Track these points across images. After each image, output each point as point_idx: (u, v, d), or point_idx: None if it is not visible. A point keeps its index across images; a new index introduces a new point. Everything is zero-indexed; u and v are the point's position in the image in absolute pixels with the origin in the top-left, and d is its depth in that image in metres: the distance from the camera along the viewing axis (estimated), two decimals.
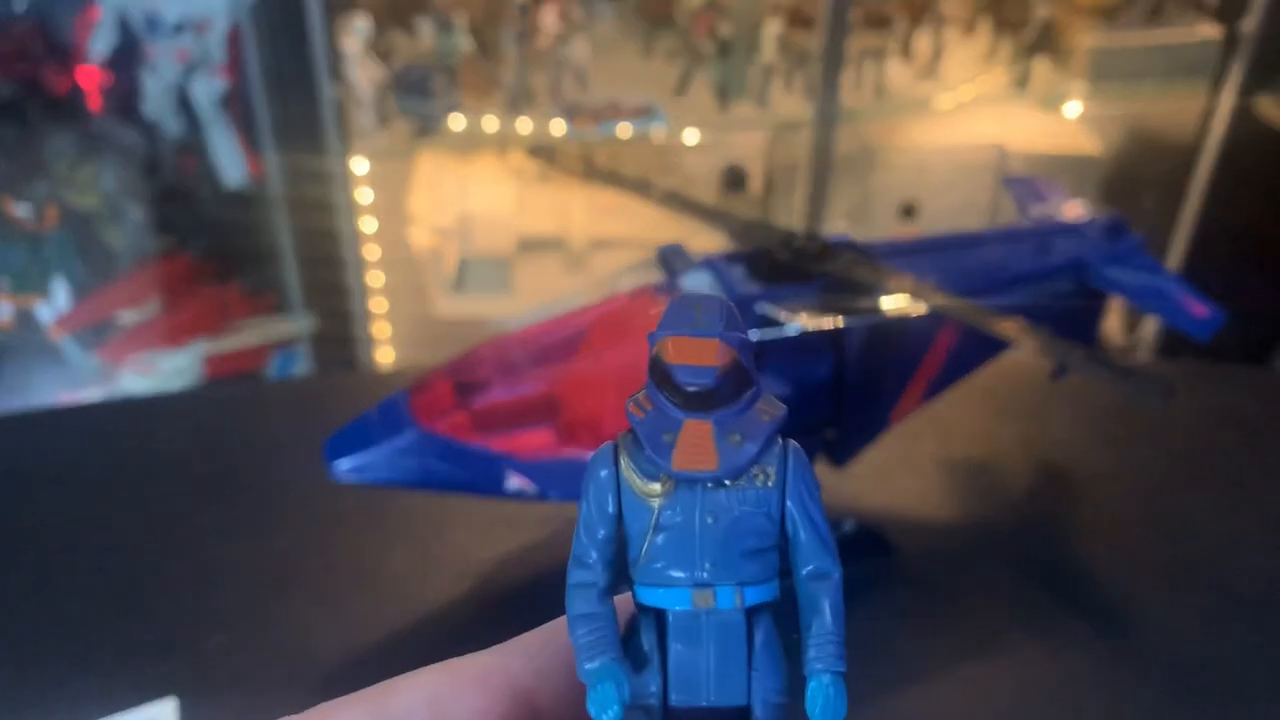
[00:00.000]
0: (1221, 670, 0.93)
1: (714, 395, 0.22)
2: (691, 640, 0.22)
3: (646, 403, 0.22)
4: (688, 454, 0.21)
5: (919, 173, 2.21)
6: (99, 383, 1.84)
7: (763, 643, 0.22)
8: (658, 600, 0.22)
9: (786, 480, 0.22)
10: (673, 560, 0.22)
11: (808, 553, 0.22)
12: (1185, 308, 1.04)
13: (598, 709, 0.21)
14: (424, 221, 2.14)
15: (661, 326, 0.22)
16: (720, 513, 0.22)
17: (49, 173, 1.76)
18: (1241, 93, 1.90)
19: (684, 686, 0.22)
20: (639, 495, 0.22)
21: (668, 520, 0.22)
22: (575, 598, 0.22)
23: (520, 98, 1.97)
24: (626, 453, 0.22)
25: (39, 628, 0.96)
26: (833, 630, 0.22)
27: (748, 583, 0.22)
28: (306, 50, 1.68)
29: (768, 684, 0.22)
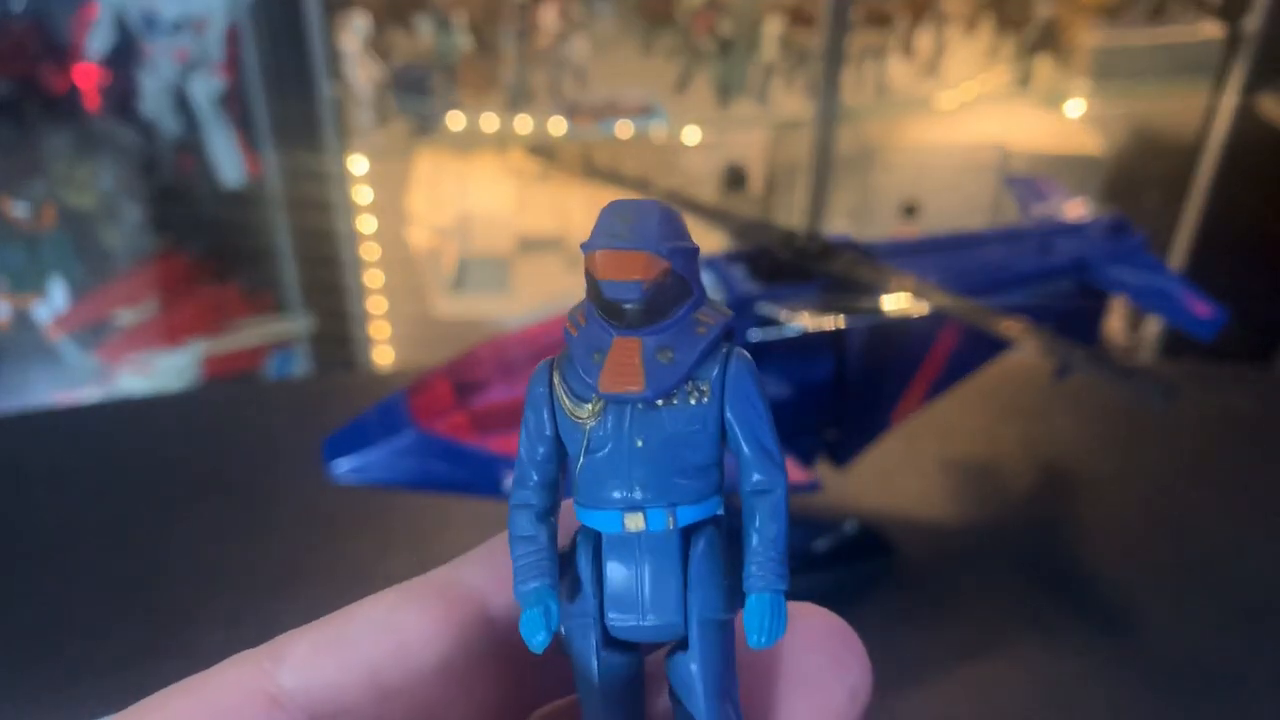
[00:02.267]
0: (1223, 670, 0.93)
1: (642, 311, 0.21)
2: (625, 561, 0.21)
3: (582, 318, 0.22)
4: (614, 374, 0.21)
5: (920, 172, 2.21)
6: (97, 383, 1.83)
7: (699, 560, 0.21)
8: (592, 522, 0.22)
9: (725, 393, 0.21)
10: (604, 482, 0.21)
11: (749, 466, 0.21)
12: (1188, 308, 1.04)
13: (528, 633, 0.21)
14: (423, 221, 2.13)
15: (591, 238, 0.21)
16: (651, 433, 0.21)
17: (46, 172, 1.75)
18: (1244, 92, 1.89)
19: (620, 607, 0.21)
20: (571, 414, 0.21)
21: (598, 442, 0.21)
22: (515, 518, 0.22)
23: (520, 96, 1.97)
24: (560, 371, 0.22)
25: (37, 628, 0.96)
26: (774, 546, 0.21)
27: (682, 503, 0.21)
28: (305, 49, 1.68)
29: (706, 602, 0.21)
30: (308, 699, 0.20)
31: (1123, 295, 1.09)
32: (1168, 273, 1.11)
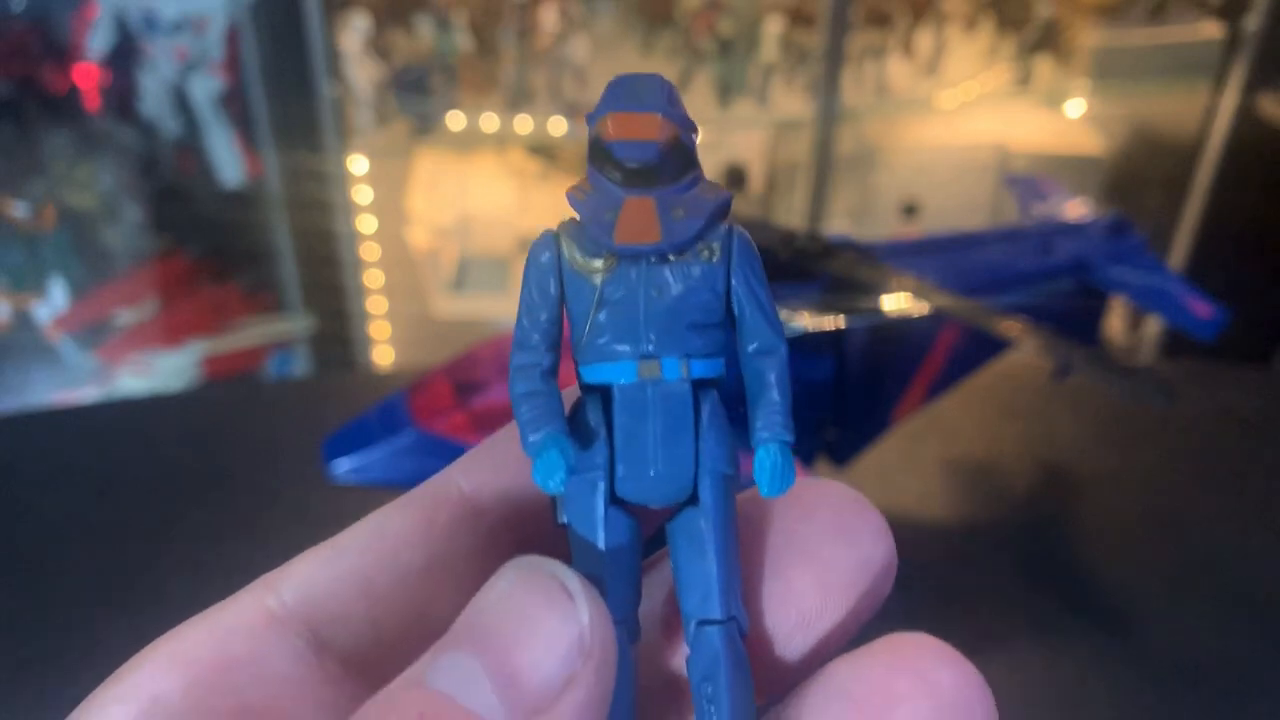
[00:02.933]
0: (1224, 670, 0.93)
1: (656, 172, 0.21)
2: (637, 412, 0.21)
3: (587, 185, 0.22)
4: (630, 228, 0.21)
5: (920, 172, 2.21)
6: (96, 382, 1.83)
7: (709, 416, 0.22)
8: (603, 376, 0.22)
9: (732, 258, 0.22)
10: (617, 335, 0.21)
11: (753, 329, 0.22)
12: (1188, 308, 1.04)
13: (543, 476, 0.20)
14: (423, 221, 2.13)
15: (601, 104, 0.21)
16: (664, 286, 0.21)
17: (46, 172, 1.75)
18: (1244, 91, 1.89)
19: (630, 458, 0.21)
20: (581, 273, 0.21)
21: (611, 295, 0.21)
22: (518, 379, 0.22)
23: (520, 96, 1.97)
24: (568, 235, 0.22)
25: (36, 628, 0.95)
26: (779, 402, 0.22)
27: (693, 355, 0.21)
28: (305, 49, 1.68)
29: (715, 455, 0.21)
30: (304, 610, 0.21)
31: (1123, 295, 1.09)
32: (1168, 273, 1.11)
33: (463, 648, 0.18)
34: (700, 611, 0.21)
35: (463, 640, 0.18)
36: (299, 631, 0.21)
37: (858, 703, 0.20)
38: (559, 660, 0.18)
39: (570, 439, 0.21)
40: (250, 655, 0.21)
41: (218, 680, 0.20)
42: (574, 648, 0.18)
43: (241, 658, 0.21)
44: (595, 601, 0.19)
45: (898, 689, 0.20)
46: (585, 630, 0.18)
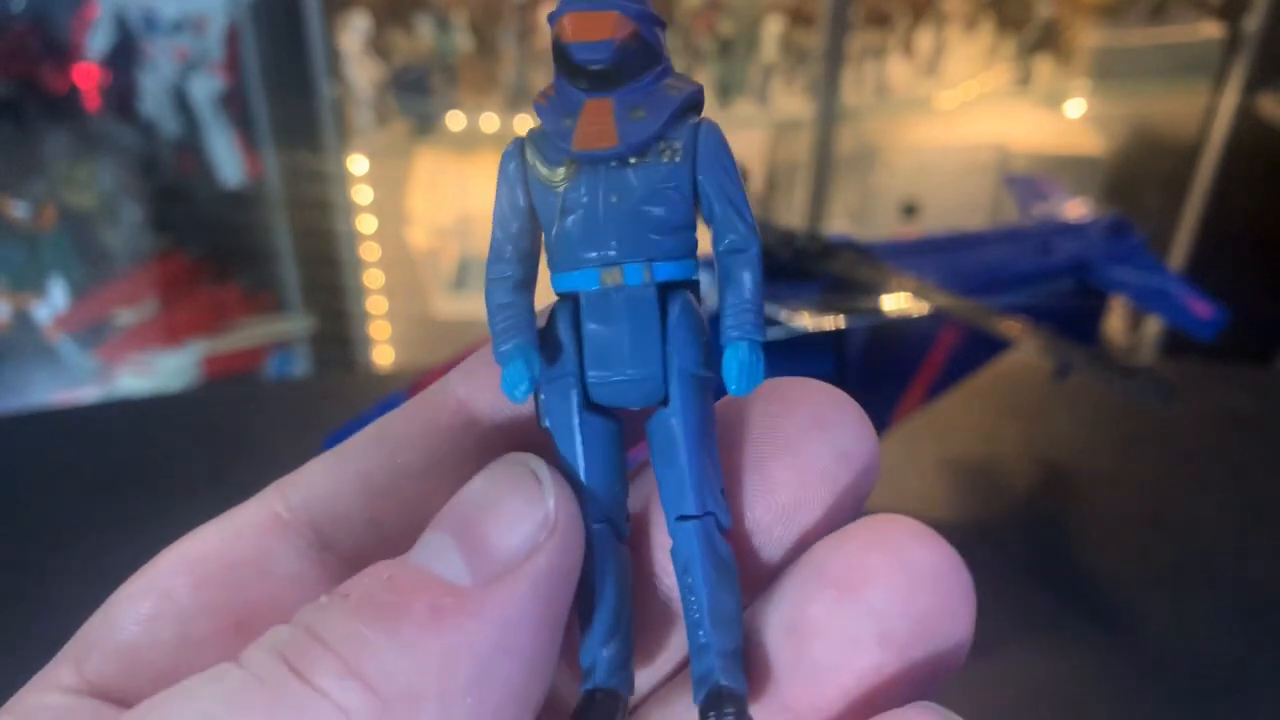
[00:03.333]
0: (1224, 670, 0.93)
1: (615, 72, 0.21)
2: (604, 318, 0.21)
3: (551, 90, 0.22)
4: (586, 133, 0.21)
5: (920, 172, 2.21)
6: (96, 383, 1.83)
7: (678, 318, 0.22)
8: (570, 284, 0.22)
9: (698, 156, 0.22)
10: (580, 242, 0.21)
11: (724, 226, 0.22)
12: (1188, 308, 1.04)
13: (509, 386, 0.21)
14: (423, 221, 2.13)
15: (560, 5, 0.21)
16: (625, 190, 0.21)
17: (46, 172, 1.75)
18: (1244, 92, 1.89)
19: (600, 362, 0.22)
20: (544, 183, 0.21)
21: (572, 203, 0.21)
22: (492, 289, 0.22)
23: (520, 96, 1.97)
24: (532, 144, 0.22)
25: (36, 629, 0.95)
26: (750, 301, 0.22)
27: (658, 259, 0.21)
28: (305, 49, 1.68)
29: (684, 356, 0.21)
30: (309, 512, 0.23)
31: (1123, 295, 1.09)
32: (1168, 273, 1.11)
33: (438, 528, 0.20)
34: (677, 508, 0.22)
35: (439, 522, 0.20)
36: (303, 532, 0.23)
37: (832, 580, 0.21)
38: (523, 534, 0.20)
39: (538, 349, 0.21)
40: (256, 555, 0.22)
41: (225, 578, 0.22)
42: (538, 524, 0.20)
43: (248, 557, 0.22)
44: (563, 489, 0.20)
45: (872, 566, 0.21)
46: (550, 511, 0.20)
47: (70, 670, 0.21)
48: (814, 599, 0.21)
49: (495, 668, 0.18)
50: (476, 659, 0.18)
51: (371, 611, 0.18)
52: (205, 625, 0.21)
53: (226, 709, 0.17)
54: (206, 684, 0.18)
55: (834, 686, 0.21)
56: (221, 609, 0.21)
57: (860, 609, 0.20)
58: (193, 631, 0.21)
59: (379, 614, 0.18)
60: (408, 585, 0.19)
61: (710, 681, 0.21)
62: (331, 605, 0.19)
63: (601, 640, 0.21)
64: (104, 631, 0.21)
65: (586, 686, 0.21)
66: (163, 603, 0.21)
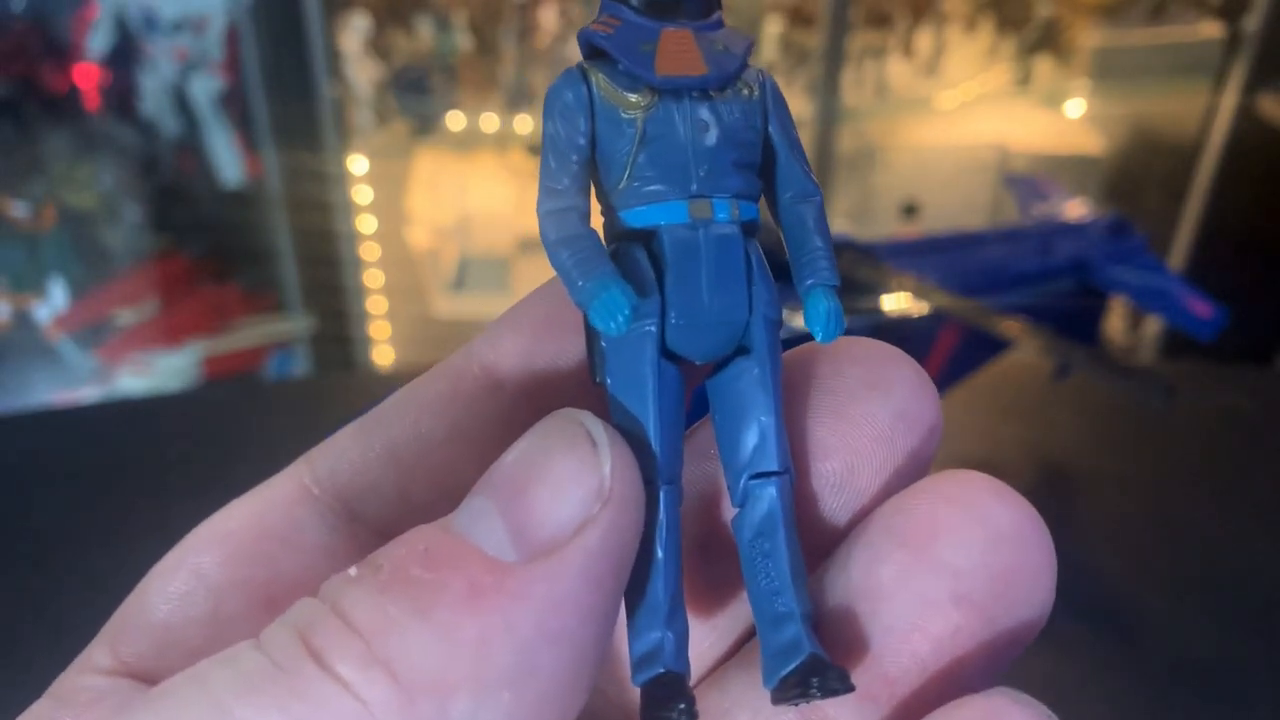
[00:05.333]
0: (1223, 670, 0.93)
1: (683, 4, 0.20)
2: (689, 255, 0.20)
3: (612, 19, 0.20)
4: (673, 60, 0.20)
5: (920, 172, 2.21)
6: (96, 382, 1.83)
7: (758, 262, 0.21)
8: (650, 218, 0.20)
9: (768, 100, 0.21)
10: (663, 174, 0.20)
11: (789, 175, 0.21)
12: (1188, 308, 1.04)
13: (606, 316, 0.19)
14: (423, 221, 2.13)
15: None
16: (709, 123, 0.20)
17: (46, 172, 1.75)
18: (1244, 92, 1.89)
19: (684, 304, 0.20)
20: (618, 110, 0.20)
21: (654, 132, 0.20)
22: (552, 223, 0.20)
23: (520, 96, 1.97)
24: (598, 71, 0.20)
25: (36, 628, 0.95)
26: (822, 248, 0.21)
27: (741, 196, 0.21)
28: (305, 49, 1.68)
29: (765, 299, 0.21)
30: (336, 484, 0.22)
31: (1123, 295, 1.09)
32: (1168, 273, 1.11)
33: (482, 492, 0.18)
34: (755, 464, 0.20)
35: (483, 486, 0.18)
36: (332, 504, 0.22)
37: (903, 539, 0.19)
38: (574, 504, 0.18)
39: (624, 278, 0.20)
40: (286, 528, 0.22)
41: (254, 551, 0.21)
42: (591, 493, 0.18)
43: (277, 531, 0.22)
44: (622, 451, 0.18)
45: (945, 522, 0.19)
46: (605, 478, 0.18)
47: (106, 652, 0.21)
48: (884, 560, 0.19)
49: (537, 658, 0.17)
50: (517, 647, 0.16)
51: (402, 589, 0.17)
52: (237, 601, 0.21)
53: (237, 698, 0.16)
54: (220, 668, 0.17)
55: (908, 656, 0.19)
56: (253, 583, 0.21)
57: (935, 568, 0.19)
58: (224, 608, 0.21)
59: (410, 592, 0.17)
60: (445, 558, 0.17)
61: (802, 652, 0.19)
62: (361, 579, 0.17)
63: (665, 618, 0.20)
64: (138, 611, 0.21)
65: (654, 672, 0.19)
66: (194, 580, 0.21)
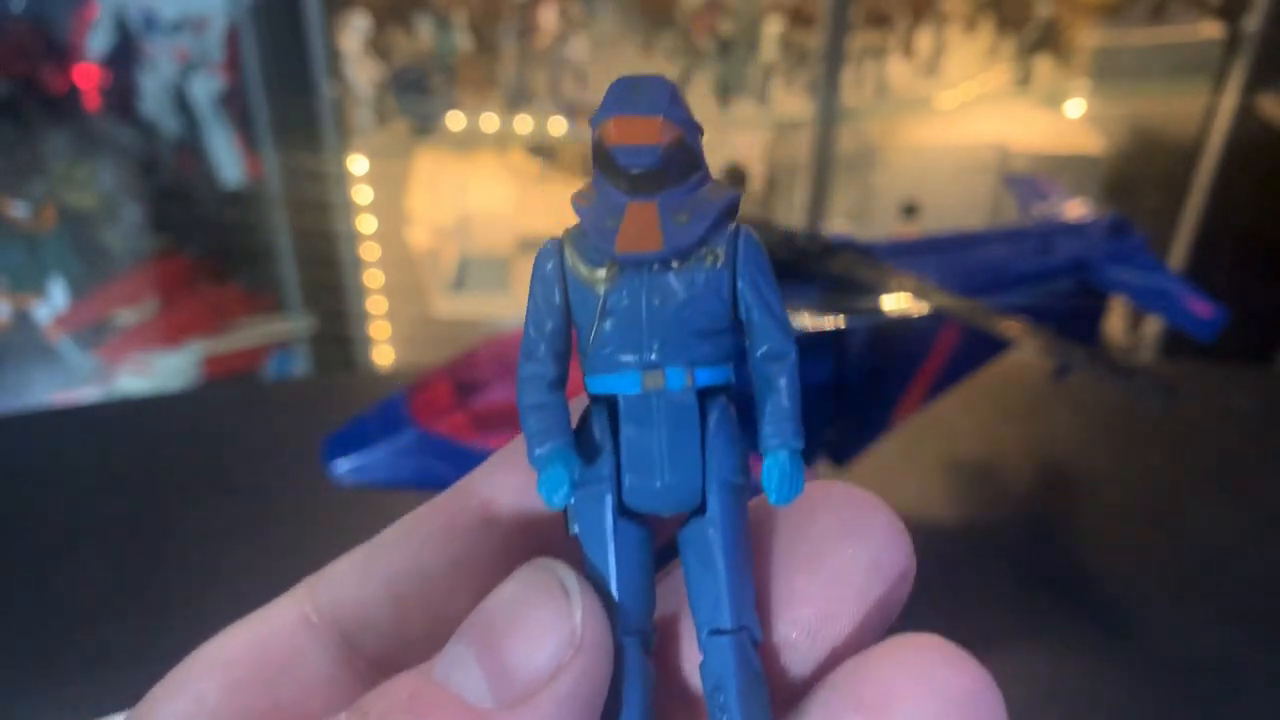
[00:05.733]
0: (1223, 670, 0.93)
1: (658, 176, 0.21)
2: (643, 422, 0.21)
3: (591, 191, 0.21)
4: (632, 235, 0.20)
5: (920, 172, 2.21)
6: (96, 382, 1.83)
7: (716, 425, 0.21)
8: (608, 386, 0.21)
9: (737, 262, 0.21)
10: (621, 345, 0.21)
11: (762, 333, 0.22)
12: (1188, 308, 1.04)
13: (547, 491, 0.20)
14: (423, 221, 2.13)
15: (602, 108, 0.21)
16: (668, 294, 0.21)
17: (46, 172, 1.75)
18: (1244, 92, 1.89)
19: (637, 468, 0.21)
20: (585, 283, 0.21)
21: (614, 304, 0.21)
22: (525, 389, 0.22)
23: (519, 96, 1.97)
24: (571, 243, 0.21)
25: (36, 628, 0.95)
26: (789, 408, 0.21)
27: (699, 363, 0.21)
28: (305, 49, 1.68)
29: (723, 464, 0.21)
30: (336, 614, 0.23)
31: (1123, 295, 1.09)
32: (1168, 273, 1.11)
33: (462, 639, 0.19)
34: (711, 621, 0.21)
35: (464, 633, 0.19)
36: (331, 634, 0.23)
37: (860, 704, 0.20)
38: (548, 652, 0.19)
39: (576, 452, 0.21)
40: (286, 657, 0.22)
41: (255, 679, 0.22)
42: (564, 641, 0.19)
43: (277, 659, 0.22)
44: (591, 600, 0.20)
45: (900, 690, 0.20)
46: (576, 627, 0.19)
47: None
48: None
49: None
50: None
51: None
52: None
53: None
54: None
55: None
56: (253, 712, 0.21)
57: None
58: None
59: None
60: (427, 706, 0.18)
61: None
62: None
63: None
64: None
65: None
66: (195, 705, 0.21)
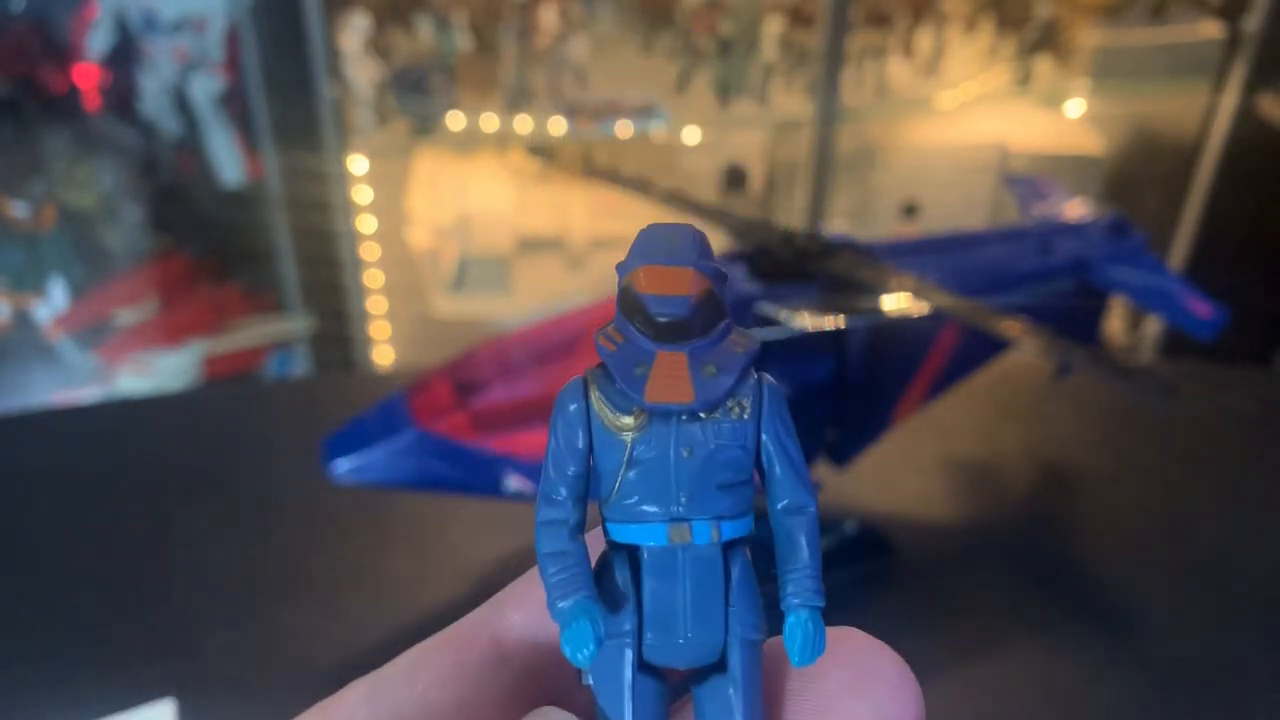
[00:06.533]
0: (1223, 670, 0.93)
1: (687, 326, 0.21)
2: (667, 577, 0.21)
3: (617, 335, 0.21)
4: (662, 386, 0.20)
5: (920, 172, 2.21)
6: (96, 383, 1.83)
7: (739, 579, 0.21)
8: (631, 537, 0.21)
9: (762, 414, 0.22)
10: (647, 495, 0.21)
11: (784, 487, 0.22)
12: (1188, 307, 1.04)
13: (573, 648, 0.20)
14: (423, 221, 2.13)
15: (632, 256, 0.21)
16: (696, 446, 0.21)
17: (46, 172, 1.75)
18: (1244, 92, 1.89)
19: (660, 624, 0.21)
20: (610, 429, 0.21)
21: (641, 454, 0.21)
22: (545, 535, 0.21)
23: (519, 96, 1.97)
24: (597, 386, 0.21)
25: (36, 628, 0.95)
26: (810, 564, 0.21)
27: (724, 517, 0.21)
28: (305, 48, 1.68)
29: (745, 621, 0.21)
30: None
31: (1123, 295, 1.09)
32: (1168, 273, 1.11)
33: None
34: None
35: None
36: None
37: None
38: None
39: (600, 605, 0.20)
40: None
41: None
42: None
43: None
44: None
45: None
46: None
47: None
48: None
49: None
50: None
51: None
52: None
53: None
54: None
55: None
56: None
57: None
58: None
59: None
60: None
61: None
62: None
63: None
64: None
65: None
66: None
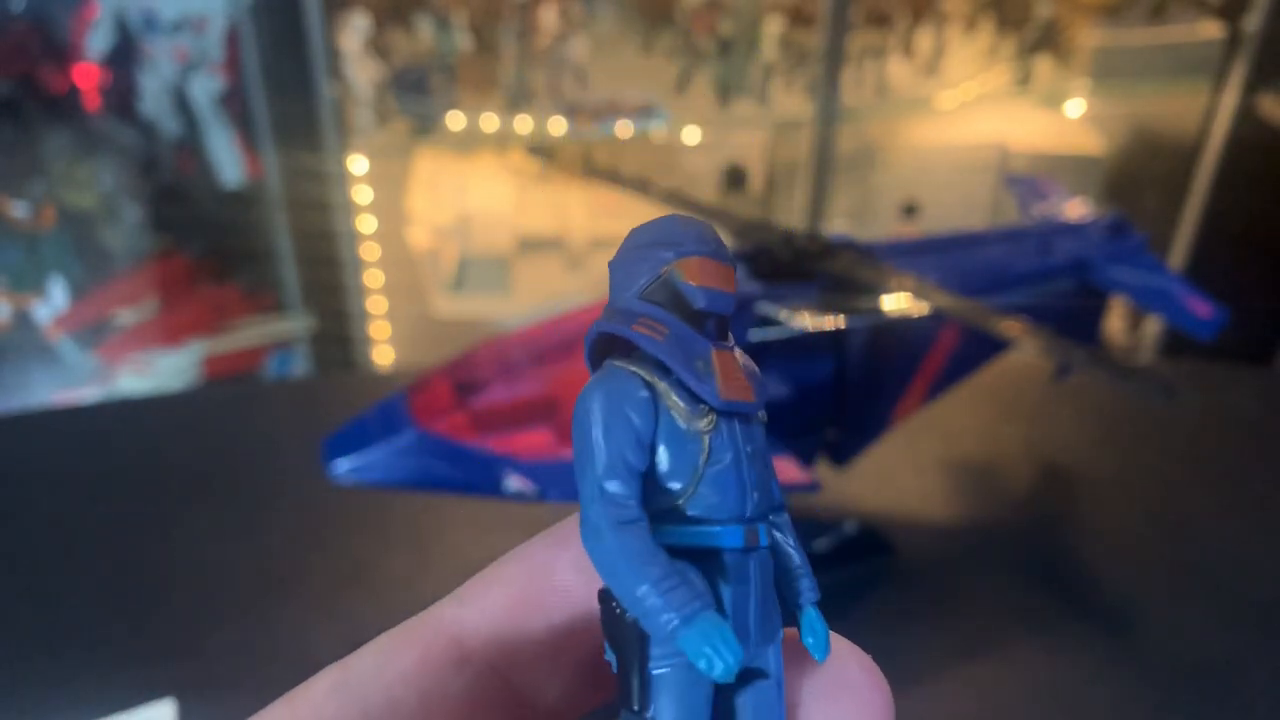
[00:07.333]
0: (1223, 670, 0.93)
1: (727, 324, 0.20)
2: (743, 582, 0.19)
3: (661, 326, 0.20)
4: (731, 385, 0.19)
5: (920, 172, 2.21)
6: (96, 382, 1.83)
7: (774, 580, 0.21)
8: (711, 540, 0.19)
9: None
10: (723, 497, 0.20)
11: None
12: (1188, 307, 1.04)
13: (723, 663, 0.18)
14: (423, 221, 2.13)
15: (672, 244, 0.20)
16: (756, 445, 0.20)
17: (46, 172, 1.75)
18: (1244, 92, 1.89)
19: (739, 631, 0.19)
20: (686, 426, 0.19)
21: (719, 453, 0.19)
22: (624, 537, 0.18)
23: (519, 96, 1.97)
24: (658, 381, 0.20)
25: (37, 628, 0.95)
26: (806, 562, 0.21)
27: (770, 518, 0.21)
28: (305, 49, 1.68)
29: (779, 622, 0.20)
30: None
31: (1123, 295, 1.09)
32: (1168, 273, 1.11)
33: None
34: None
35: None
36: None
37: None
38: None
39: None
40: None
41: None
42: None
43: None
44: None
45: None
46: None
47: None
48: None
49: None
50: None
51: None
52: None
53: None
54: None
55: None
56: None
57: None
58: None
59: None
60: None
61: None
62: None
63: None
64: None
65: None
66: None
